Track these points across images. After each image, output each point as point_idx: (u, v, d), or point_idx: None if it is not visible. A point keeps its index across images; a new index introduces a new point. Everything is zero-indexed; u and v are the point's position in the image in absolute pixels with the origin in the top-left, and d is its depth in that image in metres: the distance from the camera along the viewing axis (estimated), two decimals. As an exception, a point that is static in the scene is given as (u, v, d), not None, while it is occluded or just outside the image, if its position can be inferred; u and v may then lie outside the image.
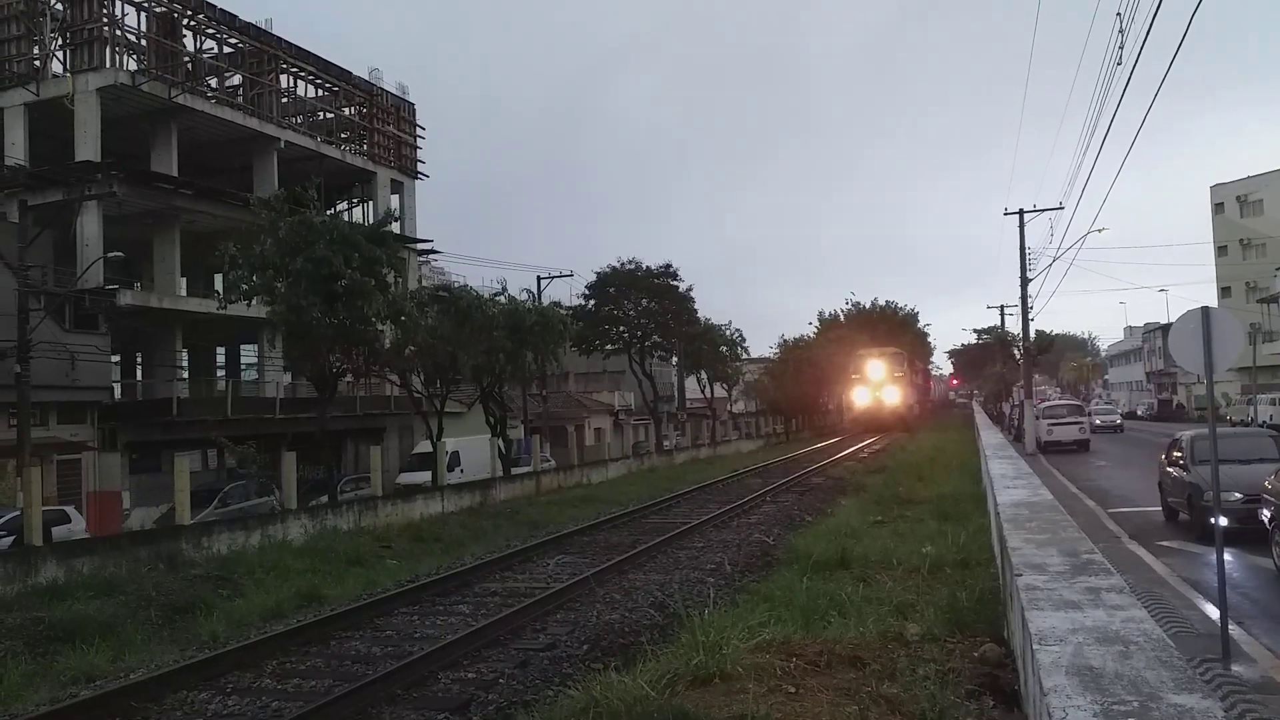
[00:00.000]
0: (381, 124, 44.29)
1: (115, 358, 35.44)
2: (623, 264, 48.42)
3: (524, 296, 36.84)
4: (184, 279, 37.84)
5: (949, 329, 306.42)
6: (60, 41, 33.41)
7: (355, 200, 44.97)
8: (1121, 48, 14.54)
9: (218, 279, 39.02)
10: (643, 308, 49.18)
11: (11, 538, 19.35)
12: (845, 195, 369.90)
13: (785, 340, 71.38)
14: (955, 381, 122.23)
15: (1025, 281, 40.04)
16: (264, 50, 37.68)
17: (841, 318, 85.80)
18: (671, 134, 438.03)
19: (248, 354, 44.94)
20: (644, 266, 48.71)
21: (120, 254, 30.56)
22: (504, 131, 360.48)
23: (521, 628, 10.64)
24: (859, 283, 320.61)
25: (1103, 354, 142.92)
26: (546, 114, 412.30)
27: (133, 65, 33.33)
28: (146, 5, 33.90)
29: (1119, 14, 14.08)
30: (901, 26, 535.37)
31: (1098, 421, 50.68)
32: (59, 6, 33.55)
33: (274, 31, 38.15)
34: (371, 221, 33.21)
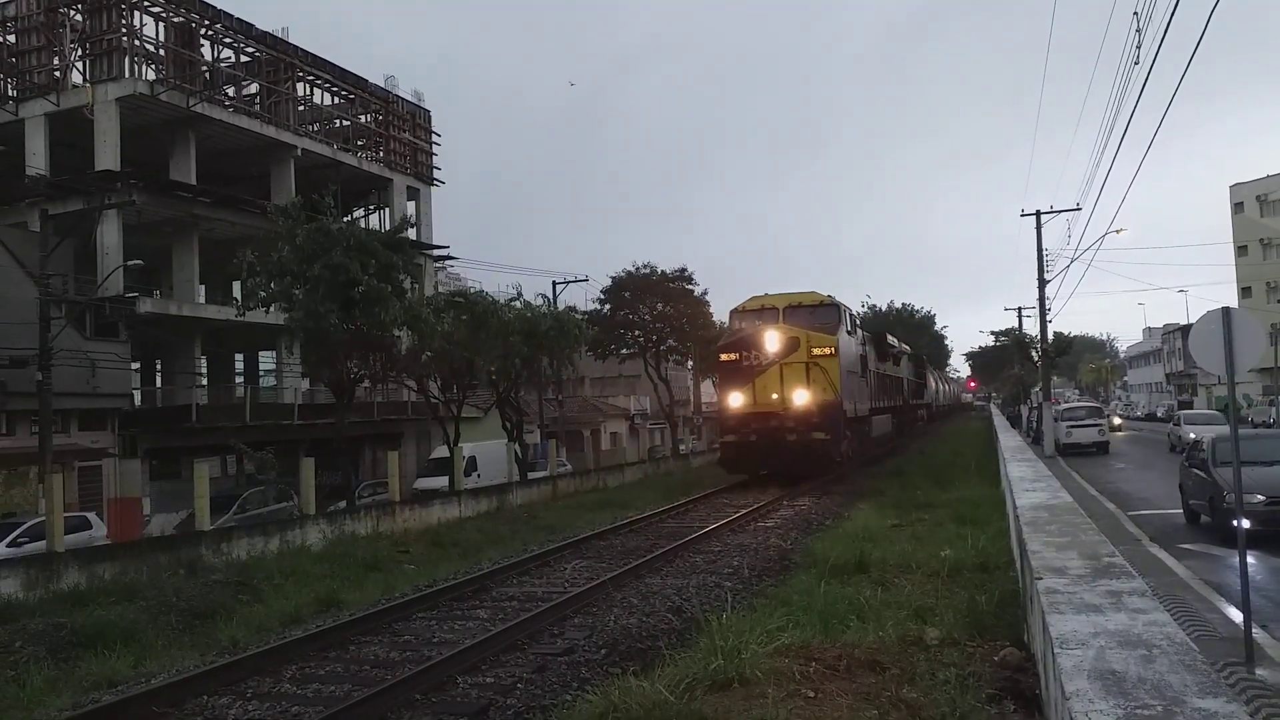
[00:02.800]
0: (397, 131, 44.52)
1: (135, 365, 35.75)
2: (638, 268, 48.46)
3: (540, 301, 36.94)
4: (203, 286, 38.12)
5: (967, 331, 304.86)
6: (80, 52, 33.76)
7: (372, 207, 45.25)
8: (1139, 47, 14.47)
9: (236, 286, 39.24)
10: (658, 312, 49.17)
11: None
12: (865, 198, 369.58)
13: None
14: (973, 384, 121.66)
15: (1043, 283, 39.86)
16: (280, 59, 37.96)
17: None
18: (691, 139, 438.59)
19: (266, 361, 45.21)
20: (659, 270, 48.76)
21: (140, 262, 30.86)
22: (522, 136, 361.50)
23: (539, 632, 10.64)
24: (878, 286, 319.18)
25: (1122, 355, 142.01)
26: (565, 117, 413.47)
27: (151, 75, 33.66)
28: (165, 15, 34.22)
29: (1136, 13, 14.01)
30: (918, 30, 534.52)
31: (1191, 436, 24.33)
32: (78, 18, 33.91)
33: (290, 40, 38.45)
34: (388, 228, 33.36)
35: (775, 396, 25.62)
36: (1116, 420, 57.64)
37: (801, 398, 25.36)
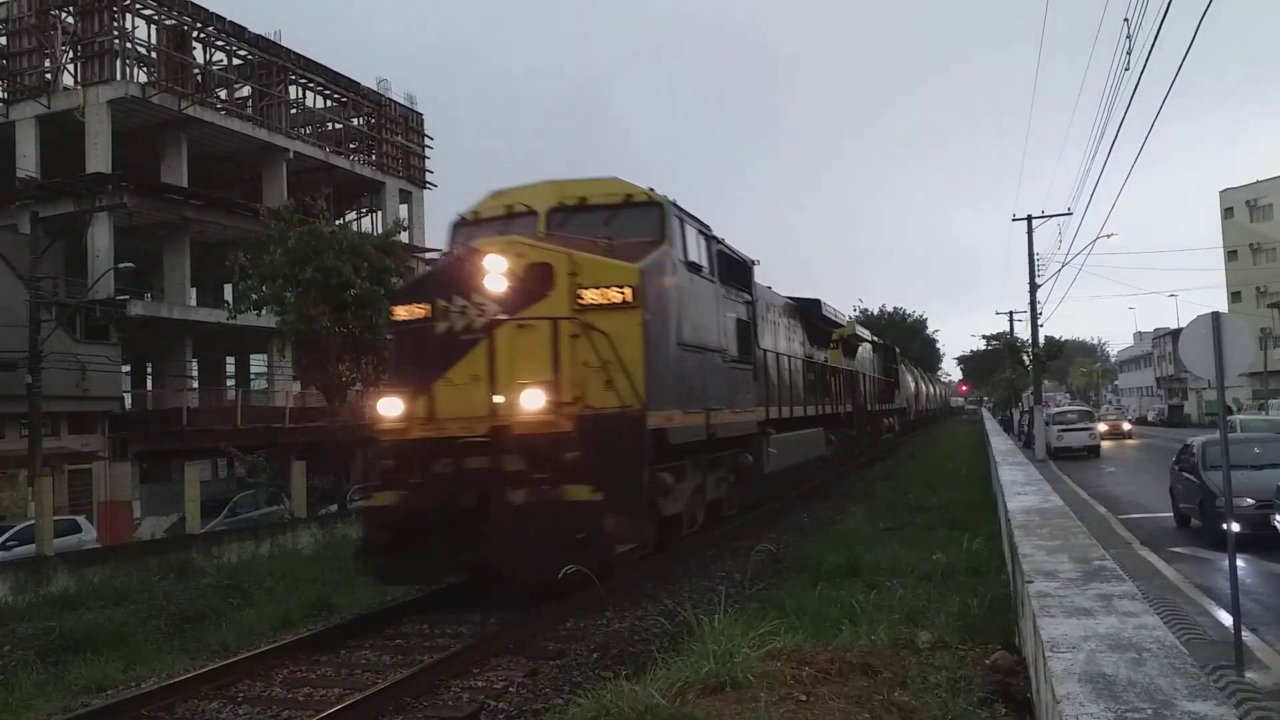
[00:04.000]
0: (390, 134, 44.51)
1: (126, 368, 35.63)
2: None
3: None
4: (194, 289, 38.04)
5: (958, 335, 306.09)
6: (71, 54, 33.68)
7: (364, 210, 45.20)
8: (1129, 52, 14.54)
9: (228, 289, 39.21)
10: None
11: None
12: (860, 202, 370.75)
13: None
14: (964, 388, 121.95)
15: (1034, 287, 39.99)
16: (273, 62, 37.92)
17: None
18: (692, 137, 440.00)
19: (257, 364, 45.11)
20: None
21: (131, 265, 30.76)
22: (516, 136, 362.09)
23: (530, 636, 10.63)
24: (870, 290, 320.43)
25: (1113, 359, 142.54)
26: (560, 116, 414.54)
27: (143, 78, 33.60)
28: (157, 18, 34.17)
29: (1126, 19, 14.07)
30: (913, 33, 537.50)
31: None
32: (70, 20, 33.82)
33: (283, 43, 38.43)
34: (380, 231, 33.32)
35: (499, 399, 10.72)
36: (1126, 425, 53.15)
37: (535, 400, 10.42)
